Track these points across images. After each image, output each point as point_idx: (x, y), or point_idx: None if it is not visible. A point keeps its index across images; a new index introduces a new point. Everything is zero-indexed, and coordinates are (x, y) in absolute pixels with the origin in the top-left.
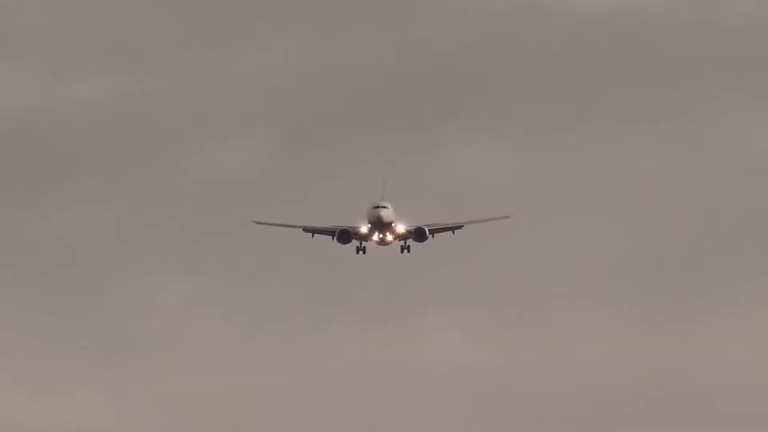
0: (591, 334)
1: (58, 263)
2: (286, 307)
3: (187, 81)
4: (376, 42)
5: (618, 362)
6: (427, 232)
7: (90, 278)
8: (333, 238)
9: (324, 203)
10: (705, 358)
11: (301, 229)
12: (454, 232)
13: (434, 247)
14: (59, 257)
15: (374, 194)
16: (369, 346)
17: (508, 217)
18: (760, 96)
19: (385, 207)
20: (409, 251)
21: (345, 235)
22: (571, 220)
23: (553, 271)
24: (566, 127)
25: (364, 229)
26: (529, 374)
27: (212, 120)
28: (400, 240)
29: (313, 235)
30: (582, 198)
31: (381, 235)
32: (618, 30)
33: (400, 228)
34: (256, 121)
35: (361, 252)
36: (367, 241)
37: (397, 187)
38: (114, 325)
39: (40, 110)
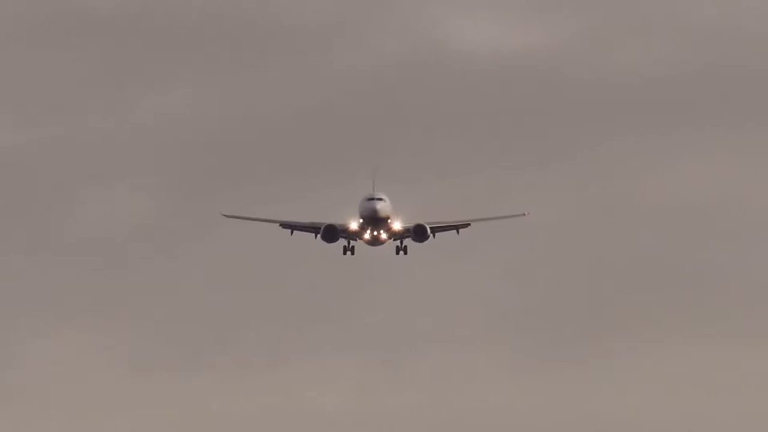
0: (483, 380)
1: None
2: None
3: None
4: (275, 90)
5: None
6: (429, 231)
7: None
8: (317, 236)
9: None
10: (603, 405)
11: (278, 225)
12: (458, 231)
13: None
14: None
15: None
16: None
17: (524, 214)
18: (657, 144)
19: (380, 199)
20: (405, 253)
21: (331, 232)
22: (467, 265)
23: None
24: (463, 173)
25: (354, 225)
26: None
27: (103, 169)
28: (395, 239)
29: (292, 232)
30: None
31: (375, 233)
32: (515, 77)
33: (397, 225)
34: (148, 169)
35: (348, 252)
36: (356, 239)
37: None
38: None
39: None
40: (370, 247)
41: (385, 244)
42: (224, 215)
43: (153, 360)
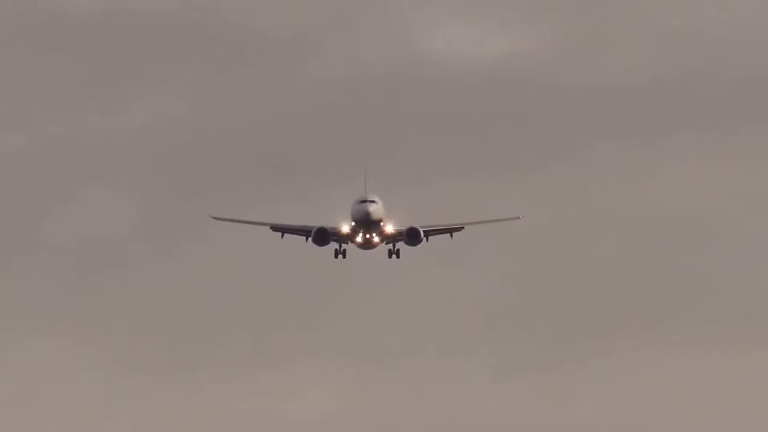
0: (476, 385)
1: None
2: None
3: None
4: (267, 93)
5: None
6: (422, 234)
7: None
8: (307, 239)
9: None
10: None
11: (268, 228)
12: (452, 235)
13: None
14: None
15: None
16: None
17: (519, 218)
18: (635, 151)
19: (373, 201)
20: (398, 256)
21: (322, 235)
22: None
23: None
24: (457, 175)
25: (346, 228)
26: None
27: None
28: (387, 242)
29: (282, 235)
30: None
31: (367, 236)
32: (505, 82)
33: (390, 228)
34: (136, 172)
35: (340, 256)
36: (348, 242)
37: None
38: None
39: None
40: (362, 250)
41: (377, 248)
42: (213, 218)
43: (136, 363)
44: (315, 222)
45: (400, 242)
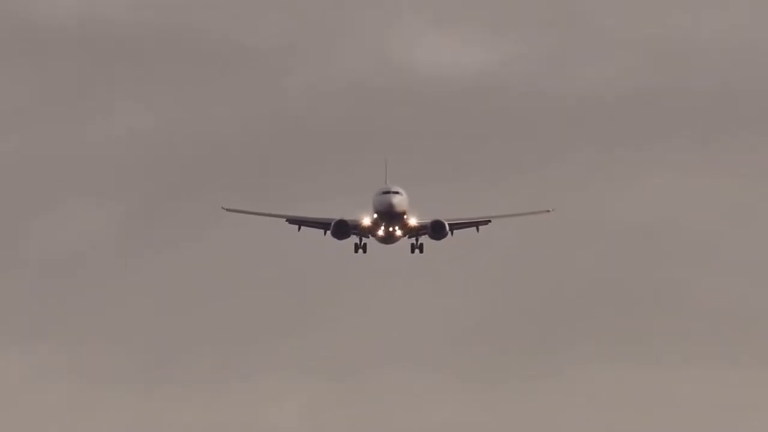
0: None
1: None
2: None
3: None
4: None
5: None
6: (447, 227)
7: None
8: (326, 232)
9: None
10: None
11: (285, 221)
12: (478, 229)
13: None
14: None
15: None
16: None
17: (548, 211)
18: (611, 161)
19: (397, 192)
20: (421, 251)
21: (342, 228)
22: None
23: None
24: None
25: (367, 220)
26: None
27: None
28: (410, 236)
29: (299, 228)
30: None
31: (389, 229)
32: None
33: (413, 221)
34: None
35: (360, 250)
36: (369, 236)
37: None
38: None
39: None
40: (383, 244)
41: (399, 242)
42: (226, 209)
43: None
44: (334, 214)
45: (423, 236)
